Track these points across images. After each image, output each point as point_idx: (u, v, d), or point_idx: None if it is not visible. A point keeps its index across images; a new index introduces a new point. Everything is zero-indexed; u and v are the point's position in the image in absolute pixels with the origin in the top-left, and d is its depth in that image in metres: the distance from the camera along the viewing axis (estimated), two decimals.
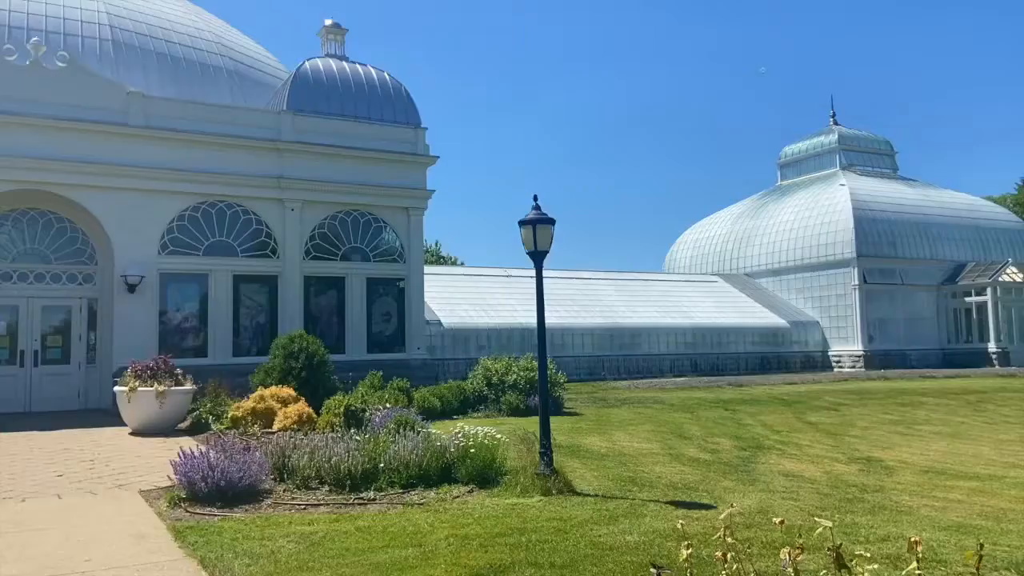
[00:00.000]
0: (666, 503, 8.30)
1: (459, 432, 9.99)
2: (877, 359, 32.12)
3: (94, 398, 18.19)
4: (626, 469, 10.30)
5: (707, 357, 29.79)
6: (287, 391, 14.79)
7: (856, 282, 32.72)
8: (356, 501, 8.48)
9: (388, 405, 13.61)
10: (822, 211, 34.89)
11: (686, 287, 33.81)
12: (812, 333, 33.01)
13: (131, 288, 17.96)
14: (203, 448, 9.44)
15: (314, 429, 12.83)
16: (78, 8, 20.88)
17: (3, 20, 19.64)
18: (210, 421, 14.35)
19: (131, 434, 13.91)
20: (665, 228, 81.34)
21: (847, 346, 32.71)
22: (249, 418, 13.86)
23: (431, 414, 15.05)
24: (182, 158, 18.95)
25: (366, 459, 9.26)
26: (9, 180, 17.19)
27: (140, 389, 13.88)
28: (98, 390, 18.14)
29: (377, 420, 12.10)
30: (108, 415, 16.43)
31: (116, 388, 14.41)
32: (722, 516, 3.53)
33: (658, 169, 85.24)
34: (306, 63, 21.70)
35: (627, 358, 28.08)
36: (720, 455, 11.50)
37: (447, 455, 9.51)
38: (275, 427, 13.60)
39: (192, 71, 21.84)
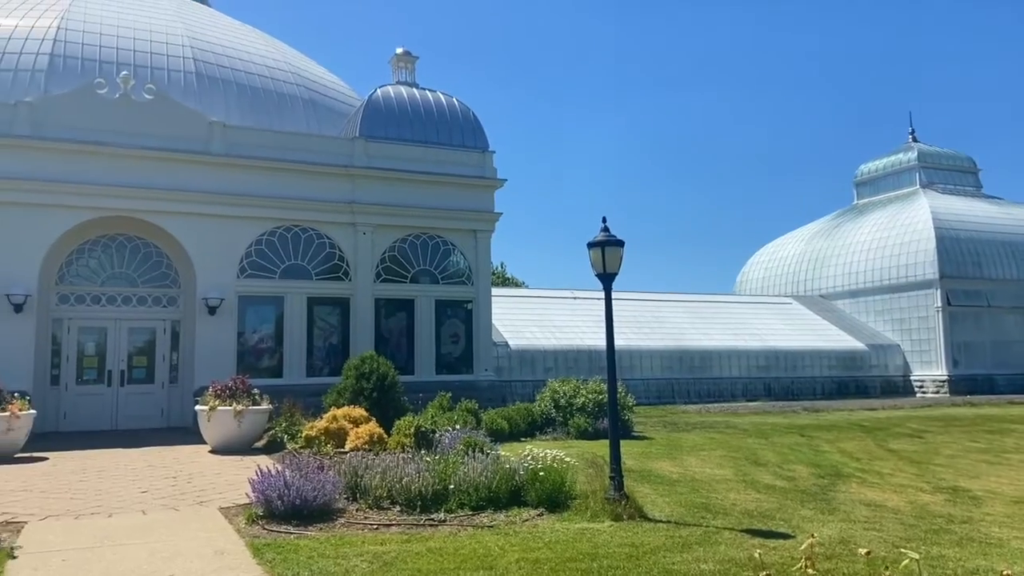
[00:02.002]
0: (741, 531, 8.10)
1: (528, 455, 9.98)
2: (962, 384, 30.73)
3: (176, 416, 18.84)
4: (698, 495, 10.10)
5: (781, 381, 29.03)
6: (359, 411, 15.03)
7: (939, 304, 31.47)
8: (427, 522, 8.54)
9: (457, 426, 13.69)
10: (902, 230, 33.77)
11: (758, 309, 33.09)
12: (892, 357, 31.85)
13: (211, 310, 18.60)
14: (279, 467, 9.67)
15: (385, 449, 12.99)
16: (164, 43, 21.90)
17: (95, 55, 20.73)
18: (285, 440, 14.69)
19: (210, 452, 14.34)
20: (736, 249, 79.84)
21: (930, 371, 31.42)
22: (322, 438, 14.13)
23: (499, 436, 15.08)
24: (260, 185, 19.60)
25: (436, 480, 9.33)
26: (99, 207, 18.06)
27: (219, 408, 14.31)
28: (180, 408, 18.79)
29: (446, 441, 12.19)
30: (189, 433, 16.98)
31: (197, 407, 14.90)
32: (803, 546, 3.44)
33: (729, 189, 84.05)
34: (378, 91, 22.24)
35: (697, 381, 27.60)
36: (797, 482, 11.17)
37: (516, 478, 9.50)
38: (347, 447, 13.83)
39: (270, 100, 22.62)
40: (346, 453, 13.10)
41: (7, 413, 13.34)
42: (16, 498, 9.83)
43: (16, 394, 14.07)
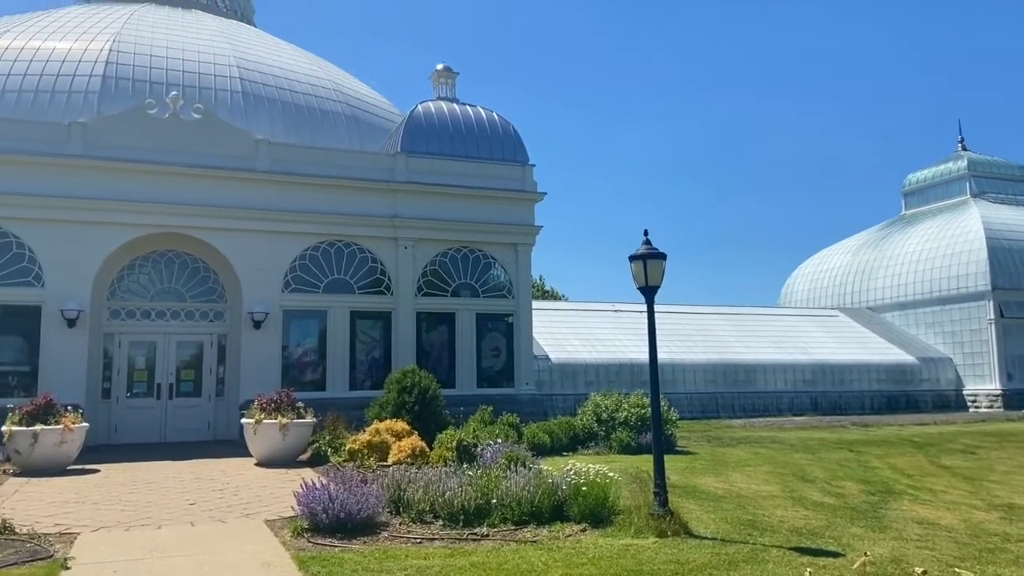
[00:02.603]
0: (789, 549, 7.94)
1: (570, 469, 9.92)
2: (1017, 398, 29.78)
3: (222, 429, 19.15)
4: (745, 512, 9.93)
5: (828, 395, 28.46)
6: (401, 425, 15.12)
7: (992, 316, 30.60)
8: (470, 536, 8.53)
9: (498, 440, 13.67)
10: (952, 241, 32.96)
11: (804, 322, 32.52)
12: (944, 370, 31.02)
13: (257, 325, 18.90)
14: (323, 480, 9.75)
15: (427, 463, 13.04)
16: (212, 63, 22.45)
17: (145, 76, 21.33)
18: (329, 453, 14.82)
19: (256, 464, 14.52)
20: (780, 261, 78.73)
21: (983, 384, 30.52)
22: (365, 451, 14.24)
23: (541, 450, 15.02)
24: (304, 200, 19.91)
25: (478, 494, 9.32)
26: (149, 224, 18.51)
27: (265, 421, 14.51)
28: (226, 421, 19.09)
29: (488, 455, 12.18)
30: (235, 445, 17.24)
31: (243, 420, 15.13)
32: (855, 566, 3.36)
33: (773, 199, 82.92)
34: (419, 106, 22.48)
35: (742, 395, 27.20)
36: (846, 499, 10.92)
37: (559, 492, 9.45)
38: (390, 460, 13.91)
39: (313, 117, 23.01)
40: (389, 466, 13.18)
41: (60, 426, 13.69)
42: (69, 509, 10.07)
43: (69, 407, 14.43)
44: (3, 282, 17.33)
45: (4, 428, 13.61)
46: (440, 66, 23.66)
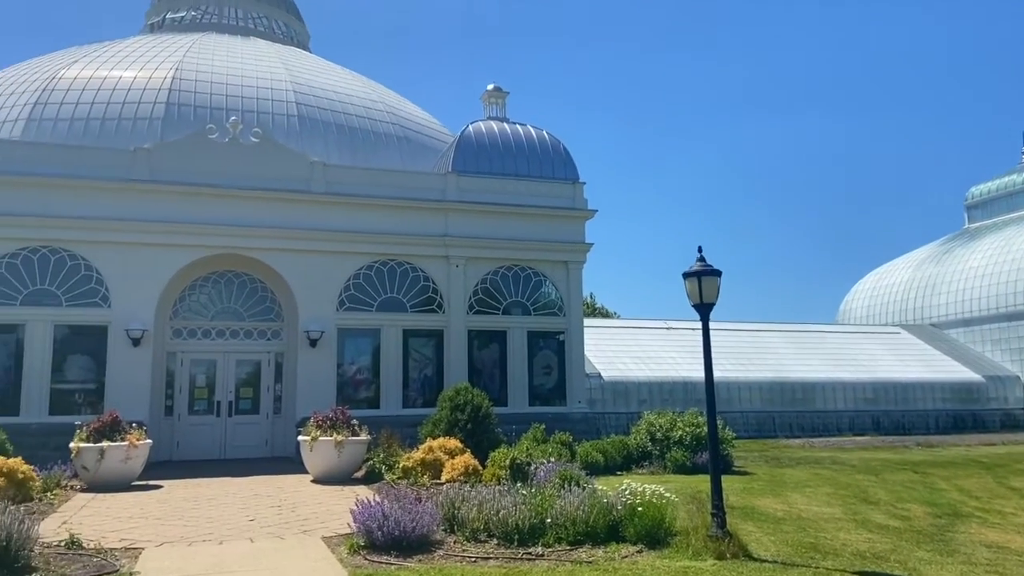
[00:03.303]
0: (854, 573, 7.72)
1: (625, 489, 9.81)
2: None
3: (279, 446, 19.47)
4: (806, 534, 9.69)
5: (890, 414, 27.63)
6: (453, 443, 15.18)
7: None
8: (524, 556, 8.50)
9: (551, 459, 13.62)
10: (1019, 255, 31.84)
11: (864, 339, 31.69)
12: (1012, 389, 29.87)
13: (312, 343, 19.22)
14: (378, 498, 9.84)
15: (480, 481, 13.05)
16: (269, 88, 23.05)
17: (206, 103, 22.00)
18: (383, 471, 14.94)
19: (312, 481, 14.72)
20: (837, 277, 76.83)
21: None
22: (419, 468, 14.33)
23: (594, 469, 14.92)
24: (357, 220, 20.25)
25: (532, 514, 9.29)
26: (210, 246, 19.03)
27: (321, 439, 14.72)
28: (283, 438, 19.41)
29: (541, 474, 12.15)
30: (291, 462, 17.51)
31: (300, 437, 15.37)
32: None
33: (830, 214, 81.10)
34: (469, 126, 22.71)
35: (800, 415, 26.58)
36: (912, 522, 10.58)
37: (614, 512, 9.36)
38: (443, 478, 13.97)
39: (366, 139, 23.41)
40: (442, 484, 13.23)
41: (126, 443, 14.10)
42: (134, 524, 10.34)
43: (134, 424, 14.85)
44: (72, 303, 17.99)
45: (72, 445, 14.07)
46: (490, 86, 23.89)
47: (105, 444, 13.91)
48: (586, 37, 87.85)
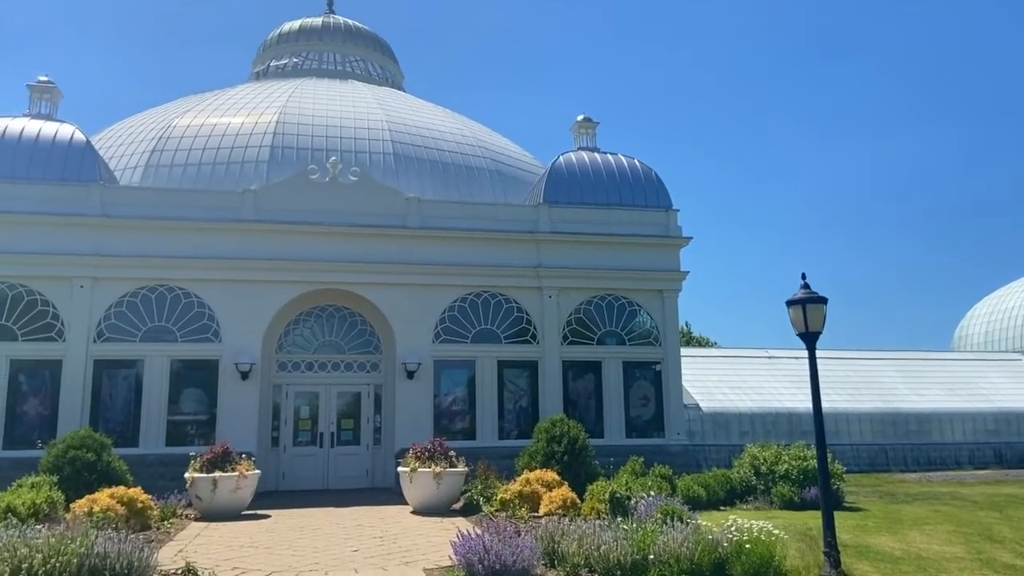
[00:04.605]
0: None
1: (731, 525, 9.50)
2: None
3: (379, 476, 19.82)
4: (926, 575, 9.12)
5: (1014, 447, 25.80)
6: (550, 475, 15.08)
7: None
8: None
9: (651, 493, 13.33)
10: None
11: (982, 367, 29.82)
12: None
13: (410, 375, 19.57)
14: (478, 530, 9.86)
15: (579, 514, 12.90)
16: (366, 128, 23.88)
17: (308, 144, 22.95)
18: (481, 503, 14.97)
19: (412, 512, 14.90)
20: (951, 301, 72.72)
21: None
22: (516, 501, 14.28)
23: (696, 504, 14.51)
24: (452, 254, 20.62)
25: (634, 549, 9.11)
26: (312, 281, 19.74)
27: (420, 470, 14.91)
28: (382, 469, 19.77)
29: (642, 508, 11.90)
30: (391, 493, 17.78)
31: (399, 468, 15.61)
32: None
33: (941, 235, 77.26)
34: (560, 157, 22.85)
35: (915, 447, 25.16)
36: None
37: (719, 550, 9.07)
38: (541, 511, 13.87)
39: (459, 174, 23.88)
40: (540, 517, 13.15)
41: (236, 473, 14.65)
42: (245, 553, 10.69)
43: (243, 455, 15.43)
44: (186, 338, 18.94)
45: (187, 475, 14.72)
46: (580, 117, 24.02)
47: (217, 474, 14.49)
48: (681, 62, 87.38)
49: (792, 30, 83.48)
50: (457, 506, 15.44)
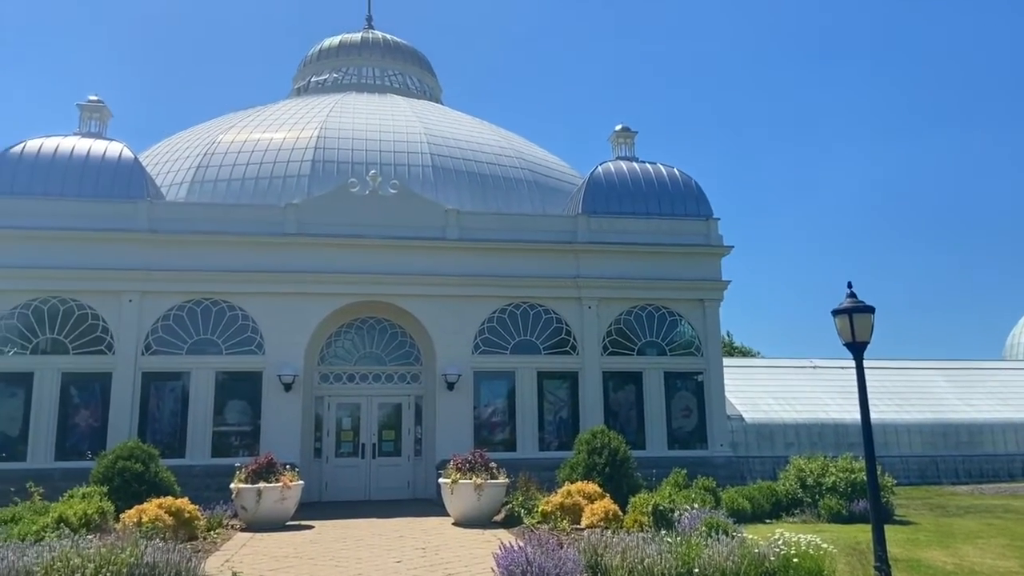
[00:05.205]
0: None
1: (778, 538, 9.34)
2: None
3: (420, 488, 19.89)
4: None
5: None
6: (592, 487, 14.98)
7: None
8: None
9: (695, 505, 13.17)
10: None
11: None
12: None
13: (450, 386, 19.63)
14: (520, 543, 9.82)
15: (621, 527, 12.79)
16: (405, 141, 24.11)
17: (348, 158, 23.23)
18: (522, 514, 14.92)
19: (453, 524, 14.90)
20: (1001, 309, 70.67)
21: None
22: (558, 513, 14.20)
23: (740, 517, 14.30)
24: (490, 265, 20.66)
25: (679, 563, 8.99)
26: (353, 294, 19.94)
27: (461, 482, 14.92)
28: (423, 480, 19.83)
29: (686, 521, 11.76)
30: (432, 504, 17.82)
31: (440, 480, 15.64)
32: None
33: (991, 240, 75.20)
34: (598, 168, 22.79)
35: (966, 459, 24.47)
36: None
37: (766, 563, 8.91)
38: (583, 523, 13.78)
39: (497, 185, 23.95)
40: (582, 530, 13.07)
41: (280, 484, 14.81)
42: (290, 564, 10.79)
43: (287, 466, 15.60)
44: (231, 350, 19.25)
45: (232, 485, 14.92)
46: (618, 127, 23.96)
47: (262, 485, 14.67)
48: (722, 67, 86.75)
49: (835, 32, 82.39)
50: (498, 518, 15.41)
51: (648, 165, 23.13)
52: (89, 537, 9.84)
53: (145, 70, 78.96)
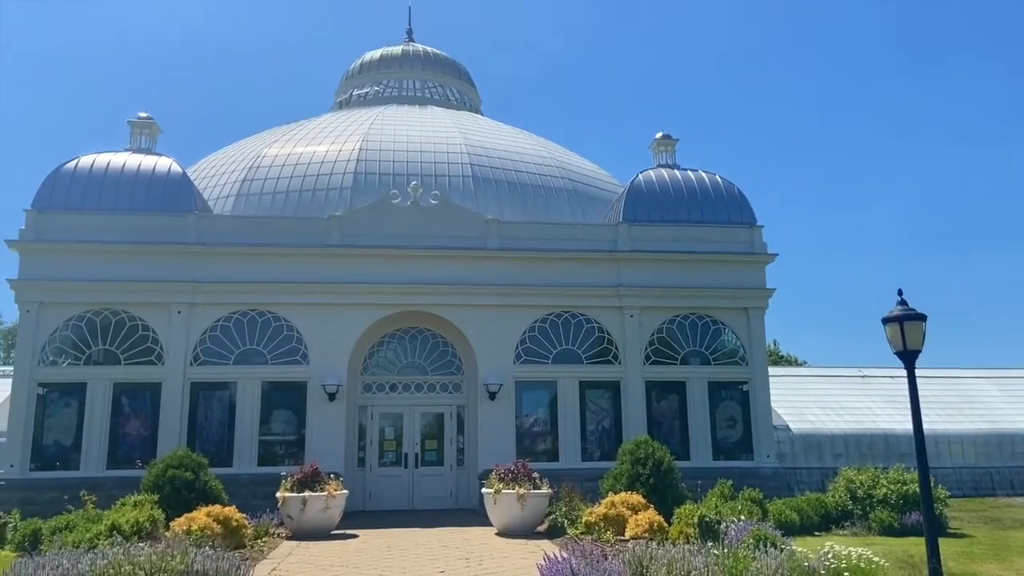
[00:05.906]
0: None
1: (828, 552, 9.14)
2: None
3: (463, 497, 19.91)
4: None
5: None
6: (636, 498, 14.85)
7: None
8: None
9: (742, 517, 12.95)
10: None
11: None
12: None
13: (492, 396, 19.65)
14: (564, 554, 9.76)
15: (666, 538, 12.65)
16: (445, 152, 24.29)
17: (389, 170, 23.47)
18: (565, 525, 14.85)
19: (496, 534, 14.88)
20: None
21: None
22: (602, 524, 14.11)
23: (788, 529, 14.02)
24: (531, 274, 20.66)
25: None
26: (395, 304, 20.10)
27: (504, 492, 14.89)
28: (466, 490, 19.85)
29: (732, 533, 11.57)
30: (475, 514, 17.82)
31: (483, 490, 15.63)
32: None
33: None
34: (639, 176, 22.67)
35: (1021, 471, 23.68)
36: None
37: None
38: (627, 534, 13.66)
39: (537, 194, 23.97)
40: (627, 541, 12.95)
41: (325, 493, 14.95)
42: (336, 572, 10.88)
43: (332, 475, 15.74)
44: (276, 361, 19.54)
45: (278, 494, 15.10)
46: (659, 135, 23.82)
47: (307, 494, 14.83)
48: (766, 73, 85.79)
49: (875, 38, 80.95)
50: (541, 528, 15.35)
51: (690, 172, 22.95)
52: (140, 545, 10.04)
53: (193, 87, 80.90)
